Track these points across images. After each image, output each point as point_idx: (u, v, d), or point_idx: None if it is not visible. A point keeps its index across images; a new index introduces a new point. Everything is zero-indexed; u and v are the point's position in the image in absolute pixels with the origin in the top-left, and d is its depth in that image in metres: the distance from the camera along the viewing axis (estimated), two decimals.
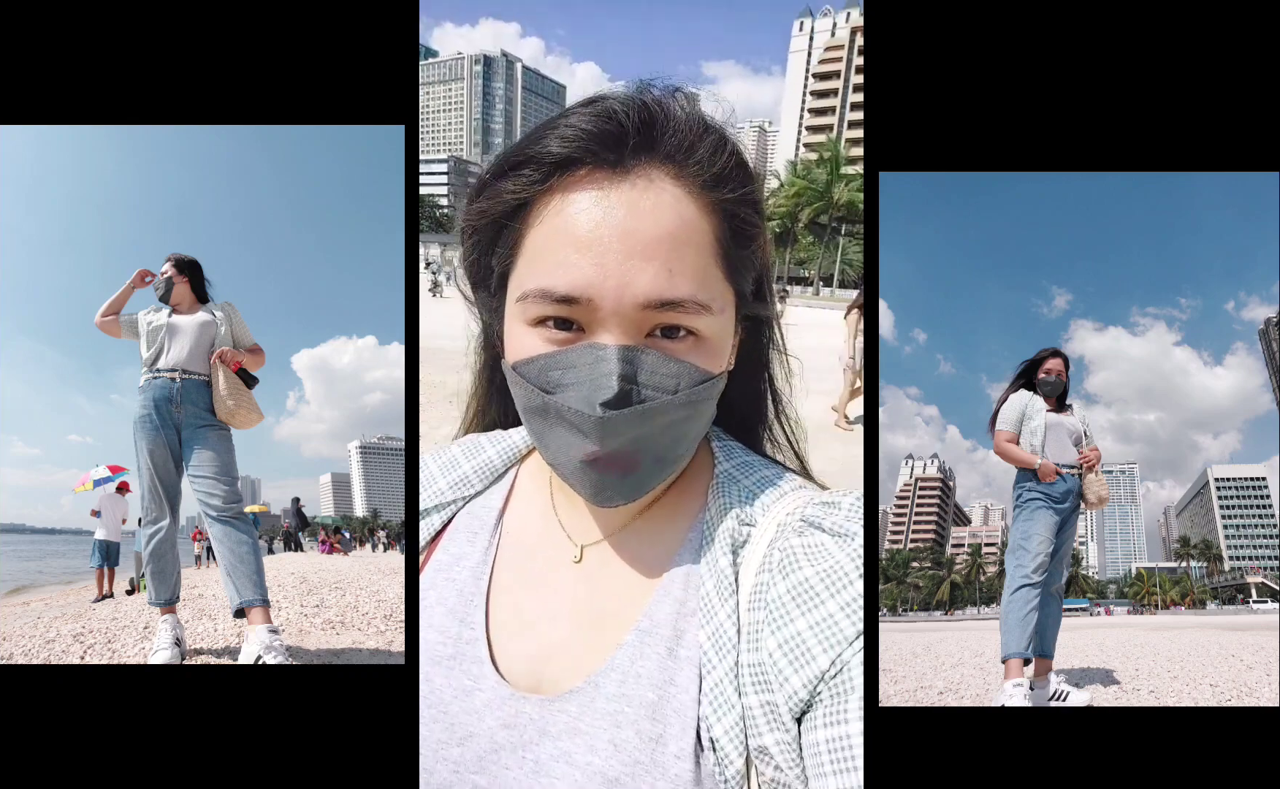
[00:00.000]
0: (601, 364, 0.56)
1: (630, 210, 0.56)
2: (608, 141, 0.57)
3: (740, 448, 0.70)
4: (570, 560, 0.67)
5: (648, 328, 0.58)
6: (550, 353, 0.58)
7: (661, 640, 0.61)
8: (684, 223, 0.57)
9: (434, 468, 0.76)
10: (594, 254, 0.55)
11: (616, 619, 0.63)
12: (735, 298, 0.62)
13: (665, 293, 0.56)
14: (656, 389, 0.58)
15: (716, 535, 0.63)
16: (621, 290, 0.55)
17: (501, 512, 0.73)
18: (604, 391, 0.56)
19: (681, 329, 0.58)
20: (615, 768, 0.57)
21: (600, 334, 0.57)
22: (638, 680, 0.60)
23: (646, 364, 0.57)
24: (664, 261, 0.56)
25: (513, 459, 0.75)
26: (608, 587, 0.65)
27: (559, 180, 0.57)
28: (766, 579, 0.59)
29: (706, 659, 0.59)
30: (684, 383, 0.58)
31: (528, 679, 0.64)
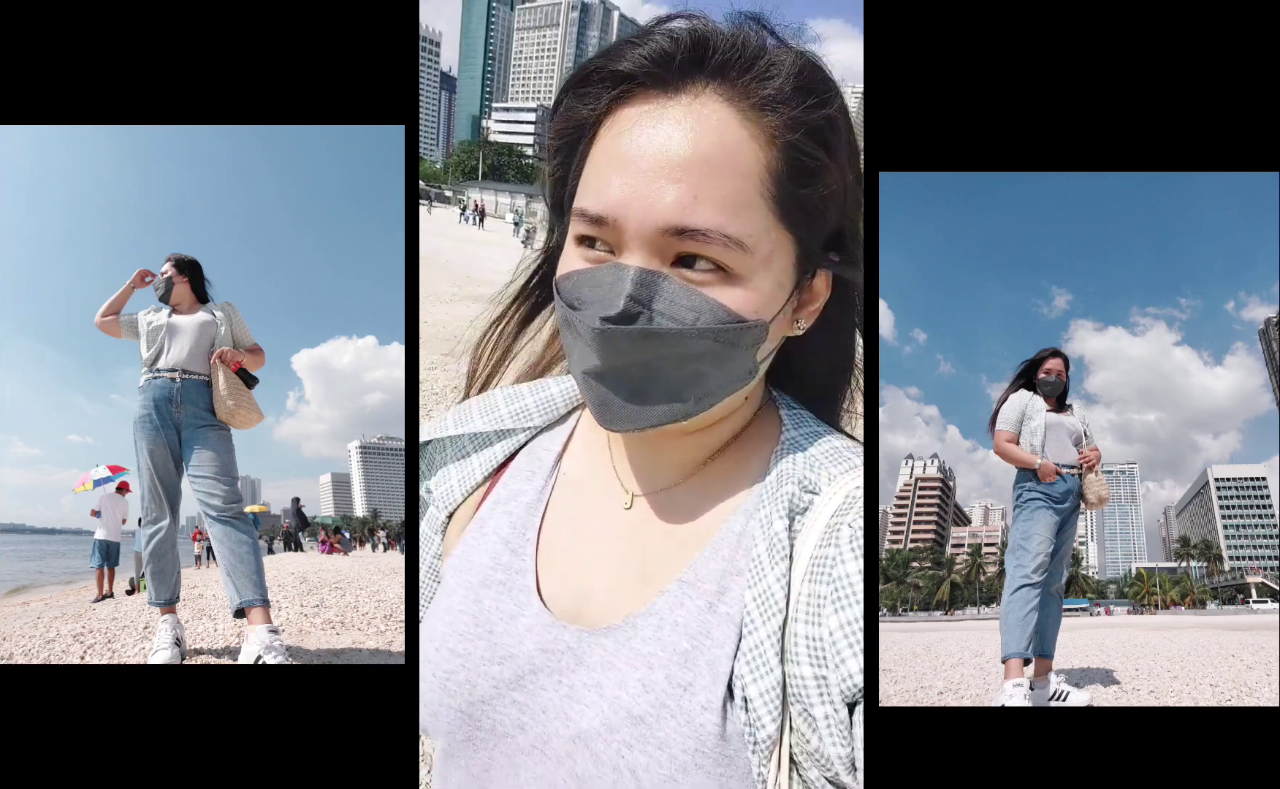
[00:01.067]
0: (618, 283, 0.55)
1: (671, 130, 0.54)
2: (661, 60, 0.55)
3: (812, 417, 0.67)
4: (621, 507, 0.67)
5: (671, 255, 0.56)
6: (583, 269, 0.58)
7: (703, 594, 0.61)
8: (724, 147, 0.54)
9: (498, 396, 0.76)
10: (627, 174, 0.55)
11: (661, 568, 0.63)
12: (795, 245, 0.58)
13: (684, 219, 0.54)
14: (670, 318, 0.55)
15: (774, 499, 0.61)
16: (645, 212, 0.54)
17: (560, 454, 0.73)
18: (609, 308, 0.55)
19: (707, 262, 0.55)
20: (642, 706, 0.58)
21: (625, 256, 0.56)
22: (674, 628, 0.60)
23: (665, 290, 0.55)
24: (691, 185, 0.53)
25: (575, 400, 0.75)
26: (656, 537, 0.65)
27: (617, 100, 0.57)
28: (833, 553, 0.56)
29: (749, 619, 0.58)
30: (704, 318, 0.55)
31: (569, 612, 0.65)
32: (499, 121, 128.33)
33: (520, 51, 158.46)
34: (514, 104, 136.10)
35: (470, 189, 61.89)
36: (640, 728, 0.58)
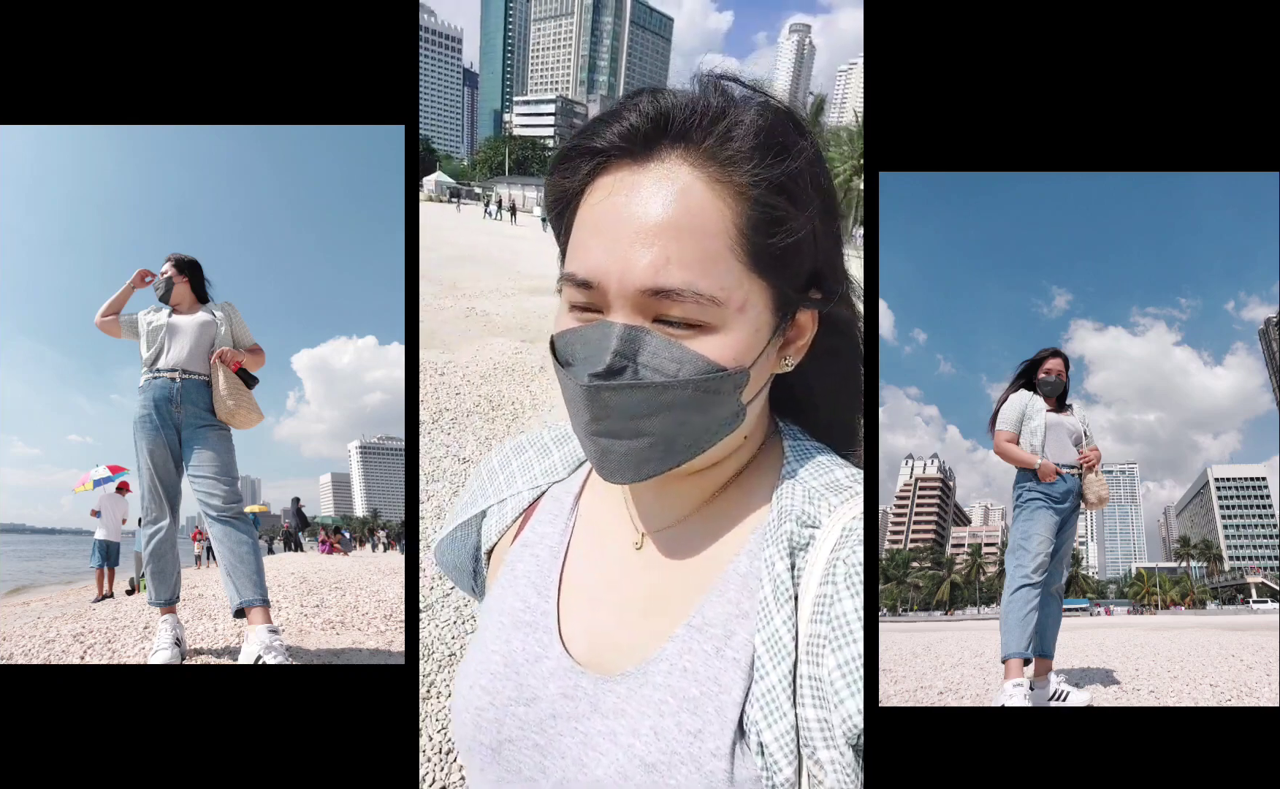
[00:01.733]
0: (604, 340, 0.59)
1: (643, 198, 0.57)
2: (628, 134, 0.59)
3: (816, 448, 0.69)
4: (632, 547, 0.70)
5: (652, 313, 0.58)
6: (573, 329, 0.61)
7: (711, 639, 0.62)
8: (690, 210, 0.57)
9: (531, 454, 0.83)
10: (606, 240, 0.58)
11: (670, 610, 0.65)
12: (770, 291, 0.61)
13: (659, 280, 0.57)
14: (654, 370, 0.58)
15: (776, 538, 0.62)
16: (623, 274, 0.57)
17: (578, 495, 0.77)
18: (594, 366, 0.58)
19: (685, 321, 0.58)
20: (654, 754, 0.60)
21: (611, 315, 0.59)
22: (683, 674, 0.62)
23: (648, 345, 0.58)
24: (662, 248, 0.56)
25: None
26: (665, 576, 0.68)
27: (595, 172, 0.61)
28: (831, 592, 0.58)
29: (760, 664, 0.60)
30: (686, 370, 0.58)
31: (586, 654, 0.67)
32: (520, 115, 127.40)
33: (538, 43, 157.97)
34: (534, 97, 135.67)
35: (498, 185, 61.67)
36: (653, 775, 0.60)
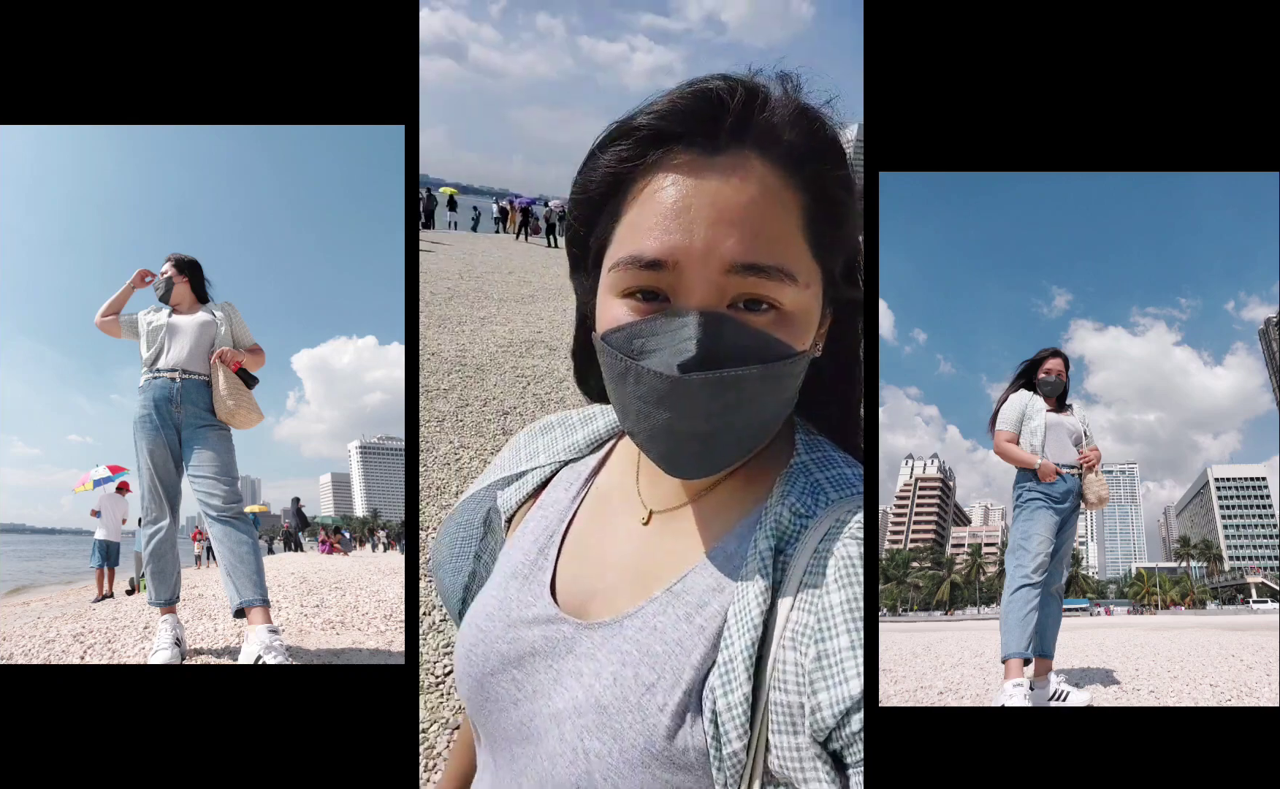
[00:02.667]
0: (683, 329, 0.57)
1: (720, 182, 0.57)
2: (703, 119, 0.58)
3: (827, 443, 0.69)
4: (639, 521, 0.73)
5: (730, 296, 0.58)
6: (636, 321, 0.59)
7: (685, 605, 0.65)
8: (770, 193, 0.58)
9: (558, 431, 0.87)
10: (682, 221, 0.57)
11: (657, 577, 0.68)
12: (822, 276, 0.62)
13: (750, 256, 0.56)
14: (738, 357, 0.57)
15: (767, 521, 0.63)
16: (708, 253, 0.56)
17: (595, 471, 0.81)
18: (683, 355, 0.57)
19: (764, 302, 0.58)
20: (608, 697, 0.63)
21: (684, 300, 0.58)
22: (653, 632, 0.64)
23: (727, 332, 0.57)
24: (750, 227, 0.57)
25: (615, 429, 0.84)
26: (662, 548, 0.70)
27: (655, 156, 0.59)
28: (820, 583, 0.58)
29: (727, 634, 0.60)
30: (766, 354, 0.58)
31: (573, 606, 0.72)
32: None
33: None
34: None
35: None
36: (602, 716, 0.63)
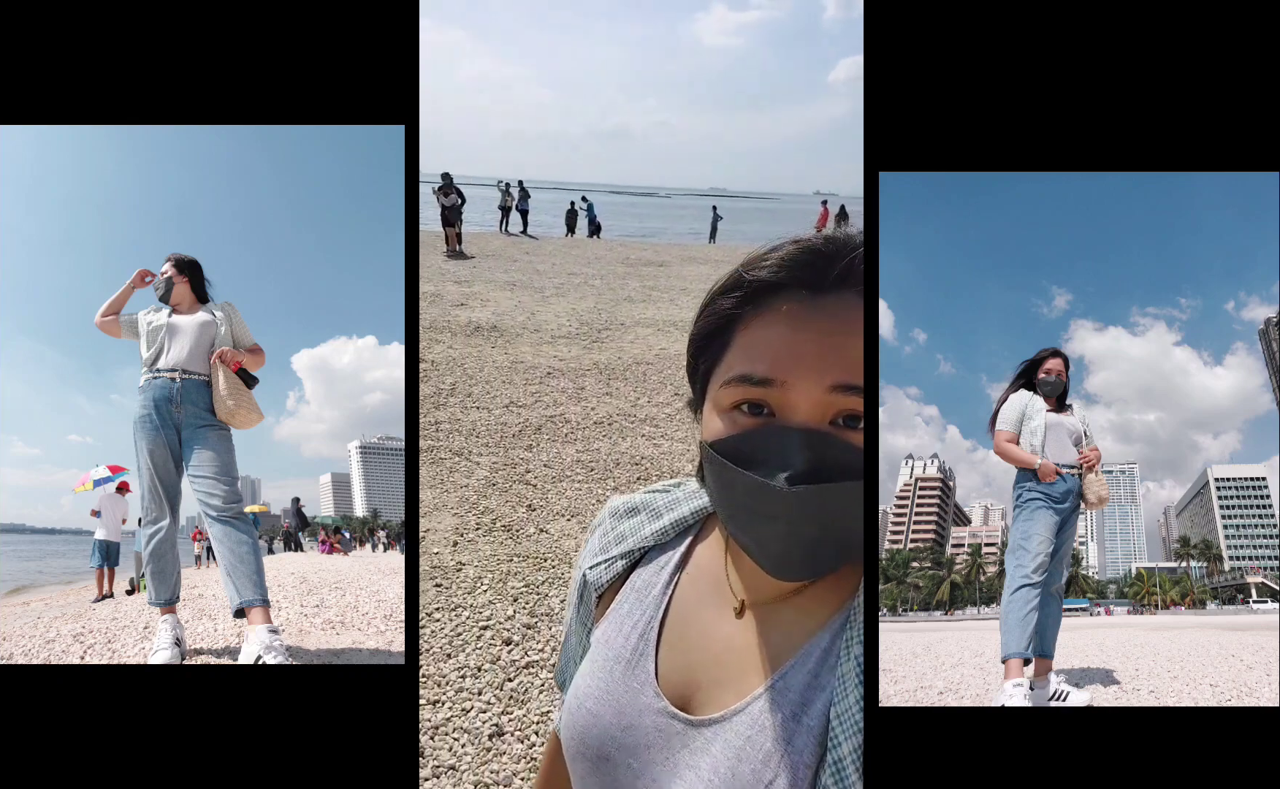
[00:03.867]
0: (790, 441, 0.64)
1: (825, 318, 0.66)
2: (812, 269, 0.67)
3: None
4: (732, 610, 0.78)
5: (833, 413, 0.65)
6: (743, 432, 0.67)
7: (789, 703, 0.69)
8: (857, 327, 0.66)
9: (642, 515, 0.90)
10: (791, 347, 0.65)
11: (757, 672, 0.73)
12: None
13: (851, 377, 0.64)
14: (839, 470, 0.64)
15: (857, 623, 0.69)
16: (816, 374, 0.64)
17: (686, 553, 0.85)
18: (791, 467, 0.63)
19: (860, 419, 0.65)
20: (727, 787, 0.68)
21: (789, 416, 0.65)
22: (762, 730, 0.69)
23: (830, 447, 0.64)
24: (850, 353, 0.65)
25: (702, 515, 0.88)
26: (756, 641, 0.75)
27: (767, 300, 0.68)
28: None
29: (833, 735, 0.65)
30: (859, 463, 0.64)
31: (678, 699, 0.76)
32: None
33: None
34: None
35: None
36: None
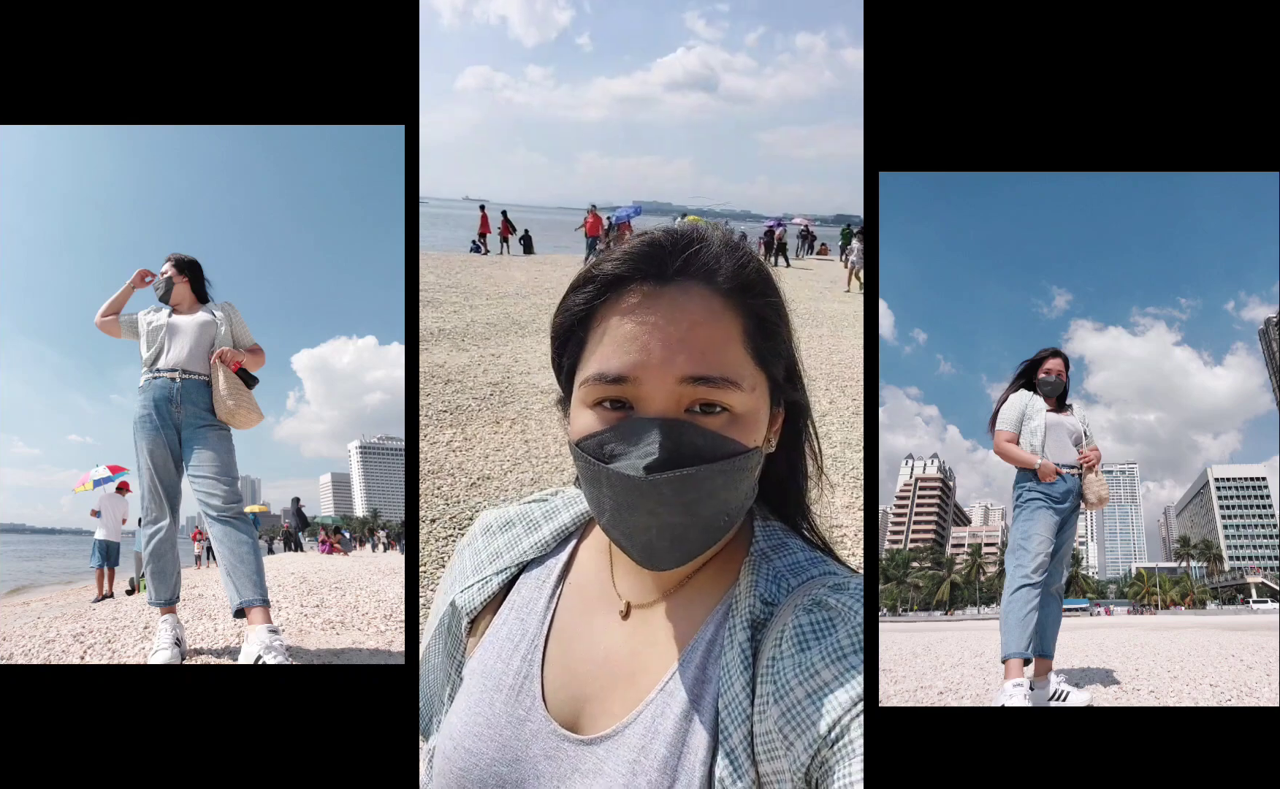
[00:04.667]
0: (647, 434, 0.65)
1: (669, 307, 0.67)
2: (653, 261, 0.68)
3: (781, 529, 0.78)
4: (618, 615, 0.77)
5: (687, 403, 0.66)
6: (604, 428, 0.67)
7: (680, 703, 0.69)
8: (713, 315, 0.68)
9: (519, 527, 0.88)
10: (640, 342, 0.66)
11: (647, 676, 0.72)
12: (767, 381, 0.71)
13: (699, 368, 0.65)
14: (697, 456, 0.65)
15: (740, 611, 0.70)
16: (664, 368, 0.65)
17: (567, 566, 0.84)
18: (648, 457, 0.64)
19: (716, 406, 0.67)
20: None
21: (647, 409, 0.66)
22: (655, 736, 0.68)
23: (686, 434, 0.65)
24: (698, 345, 0.66)
25: (582, 520, 0.87)
26: (645, 647, 0.74)
27: (614, 294, 0.69)
28: (777, 652, 0.65)
29: (723, 726, 0.66)
30: (722, 452, 0.66)
31: (568, 718, 0.74)
32: None
33: None
34: None
35: None
36: None
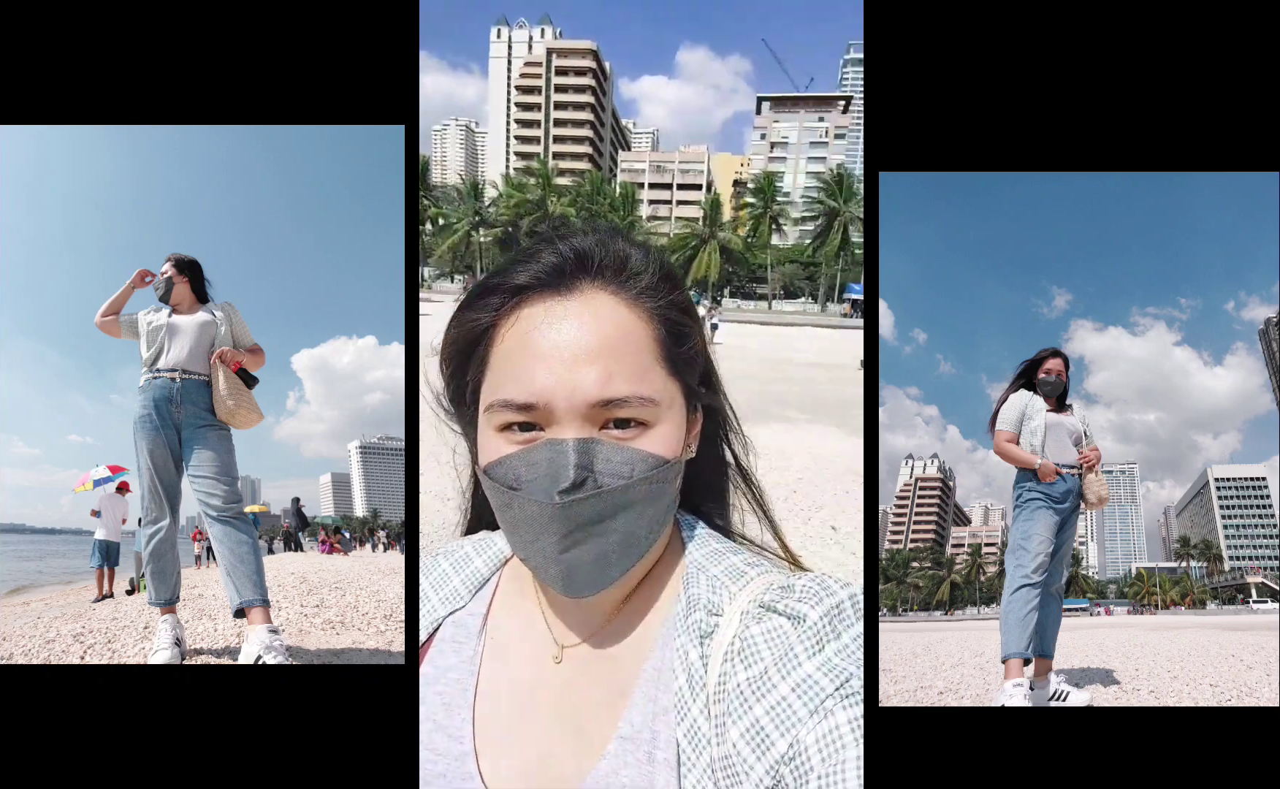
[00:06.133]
0: (559, 456, 0.62)
1: (575, 324, 0.64)
2: (554, 270, 0.65)
3: (712, 535, 0.74)
4: (552, 660, 0.71)
5: (600, 422, 0.63)
6: (514, 453, 0.64)
7: (640, 745, 0.64)
8: (622, 329, 0.65)
9: (426, 585, 0.80)
10: (546, 363, 0.63)
11: (598, 725, 0.66)
12: (683, 390, 0.69)
13: (608, 392, 0.62)
14: (612, 475, 0.63)
15: (686, 629, 0.66)
16: (572, 392, 0.62)
17: (485, 617, 0.76)
18: (562, 480, 0.62)
19: (631, 422, 0.64)
20: None
21: (558, 432, 0.63)
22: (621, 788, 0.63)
23: (601, 454, 0.63)
24: (605, 365, 0.63)
25: (497, 563, 0.79)
26: (588, 690, 0.68)
27: (516, 305, 0.66)
28: (729, 669, 0.61)
29: (685, 757, 0.61)
30: (638, 469, 0.64)
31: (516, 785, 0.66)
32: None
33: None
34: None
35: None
36: None
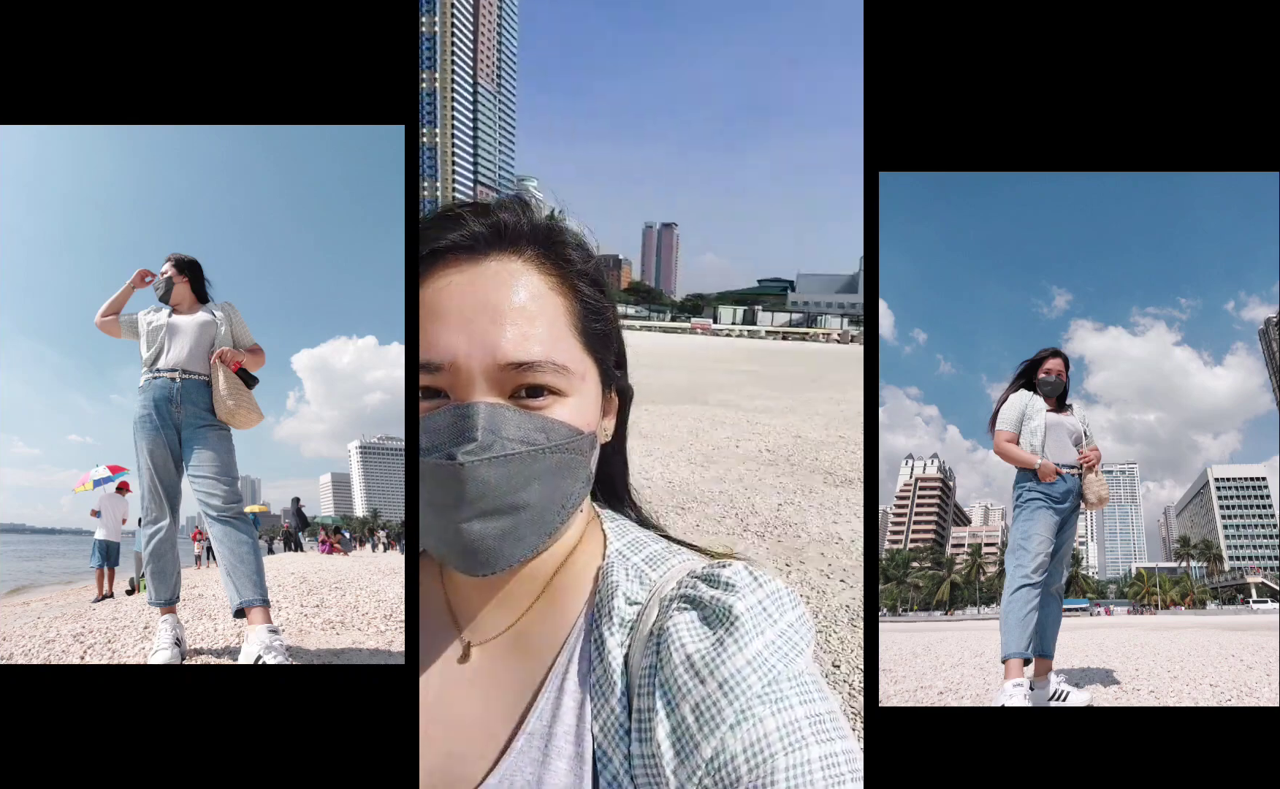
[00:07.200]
0: (465, 419, 0.61)
1: (489, 287, 0.63)
2: (471, 236, 0.64)
3: (632, 524, 0.73)
4: (455, 661, 0.68)
5: (511, 388, 0.62)
6: (424, 416, 0.62)
7: (548, 739, 0.62)
8: (534, 296, 0.63)
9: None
10: (458, 324, 0.61)
11: (506, 722, 0.64)
12: (597, 366, 0.68)
13: (520, 354, 0.61)
14: (521, 442, 0.61)
15: (604, 619, 0.63)
16: (485, 353, 0.61)
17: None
18: (466, 441, 0.60)
19: (543, 390, 0.62)
20: None
21: (465, 397, 0.62)
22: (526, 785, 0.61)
23: (511, 419, 0.61)
24: (520, 328, 0.62)
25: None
26: (496, 689, 0.66)
27: (434, 269, 0.64)
28: (653, 662, 0.59)
29: (601, 751, 0.59)
30: (551, 436, 0.62)
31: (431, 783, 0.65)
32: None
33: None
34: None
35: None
36: None
